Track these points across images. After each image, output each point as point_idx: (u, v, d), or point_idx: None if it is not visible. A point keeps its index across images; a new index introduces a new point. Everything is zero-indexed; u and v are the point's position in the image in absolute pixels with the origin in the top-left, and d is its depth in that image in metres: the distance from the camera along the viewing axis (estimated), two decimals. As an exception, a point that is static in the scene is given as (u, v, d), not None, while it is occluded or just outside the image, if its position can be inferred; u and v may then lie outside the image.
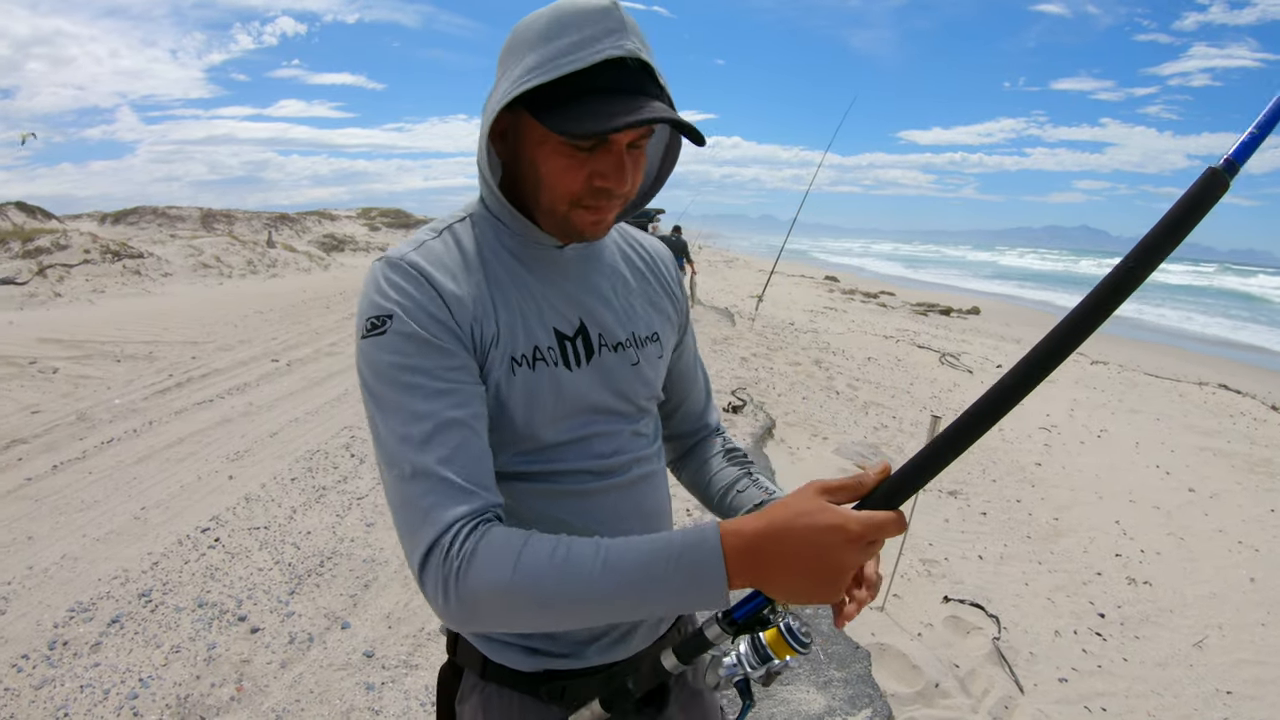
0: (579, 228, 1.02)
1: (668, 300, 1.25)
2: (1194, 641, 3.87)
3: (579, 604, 0.84)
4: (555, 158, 0.96)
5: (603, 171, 0.96)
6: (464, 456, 0.91)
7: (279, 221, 27.63)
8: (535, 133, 0.96)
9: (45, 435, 5.81)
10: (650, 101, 0.93)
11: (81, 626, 3.30)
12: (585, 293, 1.10)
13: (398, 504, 0.90)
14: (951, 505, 5.53)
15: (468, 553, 0.85)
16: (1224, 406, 9.50)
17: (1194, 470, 6.77)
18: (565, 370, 1.05)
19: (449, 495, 0.88)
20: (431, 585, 0.86)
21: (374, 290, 0.96)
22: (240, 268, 19.41)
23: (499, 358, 1.00)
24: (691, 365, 1.35)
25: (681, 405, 1.35)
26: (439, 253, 1.00)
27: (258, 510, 4.55)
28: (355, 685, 2.97)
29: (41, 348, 8.63)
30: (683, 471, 1.38)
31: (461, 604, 0.85)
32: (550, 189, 0.99)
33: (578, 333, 1.08)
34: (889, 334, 14.58)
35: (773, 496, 1.20)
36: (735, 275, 28.78)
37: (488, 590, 0.84)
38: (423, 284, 0.95)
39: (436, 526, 0.86)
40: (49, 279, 14.05)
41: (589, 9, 0.92)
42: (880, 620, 3.65)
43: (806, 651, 0.93)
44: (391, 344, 0.92)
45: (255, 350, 9.31)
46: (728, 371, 8.83)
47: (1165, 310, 28.36)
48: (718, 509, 1.27)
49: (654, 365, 1.18)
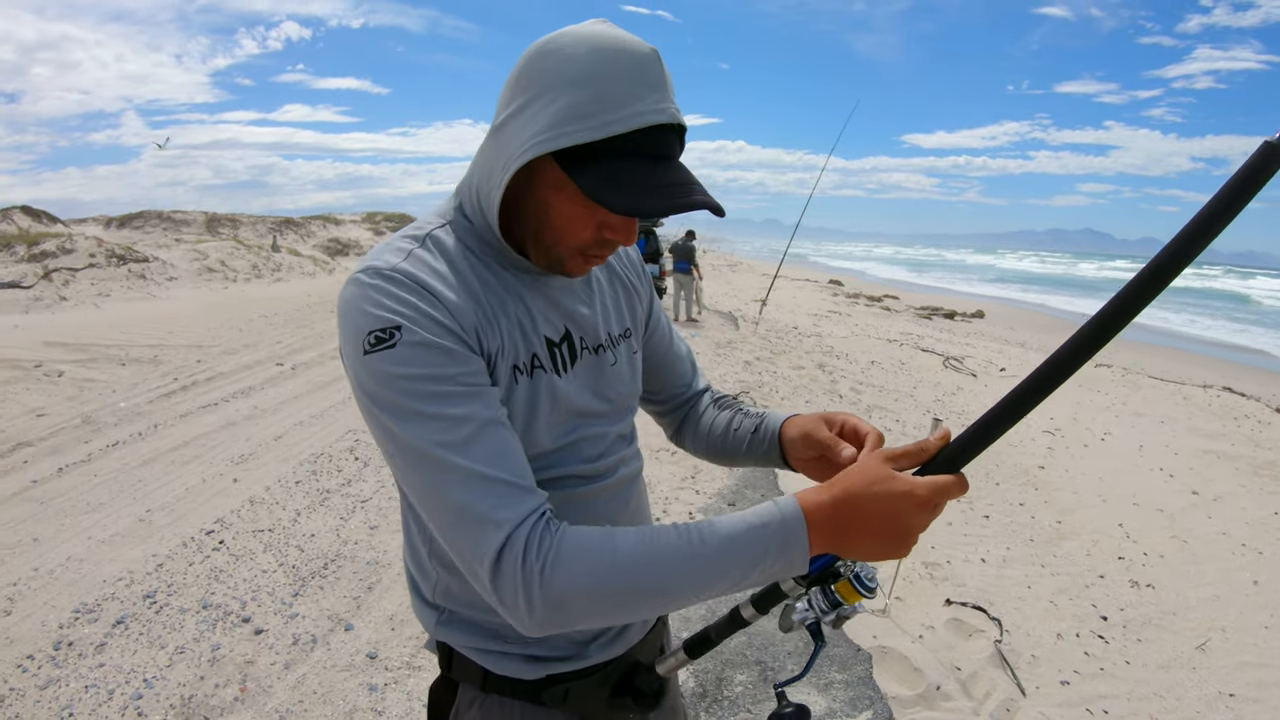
0: (569, 270, 1.01)
1: (633, 290, 1.24)
2: (1197, 644, 3.86)
3: (673, 591, 0.85)
4: (570, 206, 0.94)
5: (613, 225, 0.96)
6: (510, 455, 0.89)
7: (284, 226, 27.69)
8: (554, 176, 0.92)
9: (51, 438, 5.84)
10: (683, 171, 0.92)
11: (86, 627, 3.32)
12: (565, 297, 1.09)
13: (450, 518, 0.86)
14: (954, 508, 5.53)
15: (549, 553, 0.83)
16: (1228, 409, 9.48)
17: (1198, 473, 6.76)
18: (557, 377, 1.05)
19: (507, 495, 0.86)
20: (510, 591, 0.83)
21: (368, 304, 0.90)
22: (245, 272, 19.46)
23: (504, 368, 0.98)
24: (668, 342, 1.34)
25: (668, 383, 1.35)
26: (429, 262, 0.95)
27: (262, 513, 4.57)
28: (358, 686, 2.98)
29: (47, 351, 8.67)
30: (683, 438, 1.38)
31: (549, 606, 0.82)
32: (558, 233, 0.97)
33: (563, 338, 1.07)
34: (893, 338, 14.58)
35: (763, 419, 1.24)
36: (739, 279, 28.79)
37: (580, 589, 0.83)
38: (423, 293, 0.91)
39: (503, 529, 0.84)
40: (54, 283, 14.10)
41: (632, 54, 0.88)
42: (882, 623, 3.66)
43: (873, 596, 0.96)
44: (405, 356, 0.87)
45: (260, 354, 9.34)
46: (731, 375, 8.84)
47: (1168, 314, 28.36)
48: (723, 453, 1.30)
49: (631, 362, 1.19)
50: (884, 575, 4.10)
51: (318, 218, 30.71)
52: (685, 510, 4.66)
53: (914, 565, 4.30)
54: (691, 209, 0.89)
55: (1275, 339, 22.14)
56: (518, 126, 0.90)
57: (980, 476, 6.24)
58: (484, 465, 0.86)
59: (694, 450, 1.37)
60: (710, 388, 1.41)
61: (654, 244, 14.70)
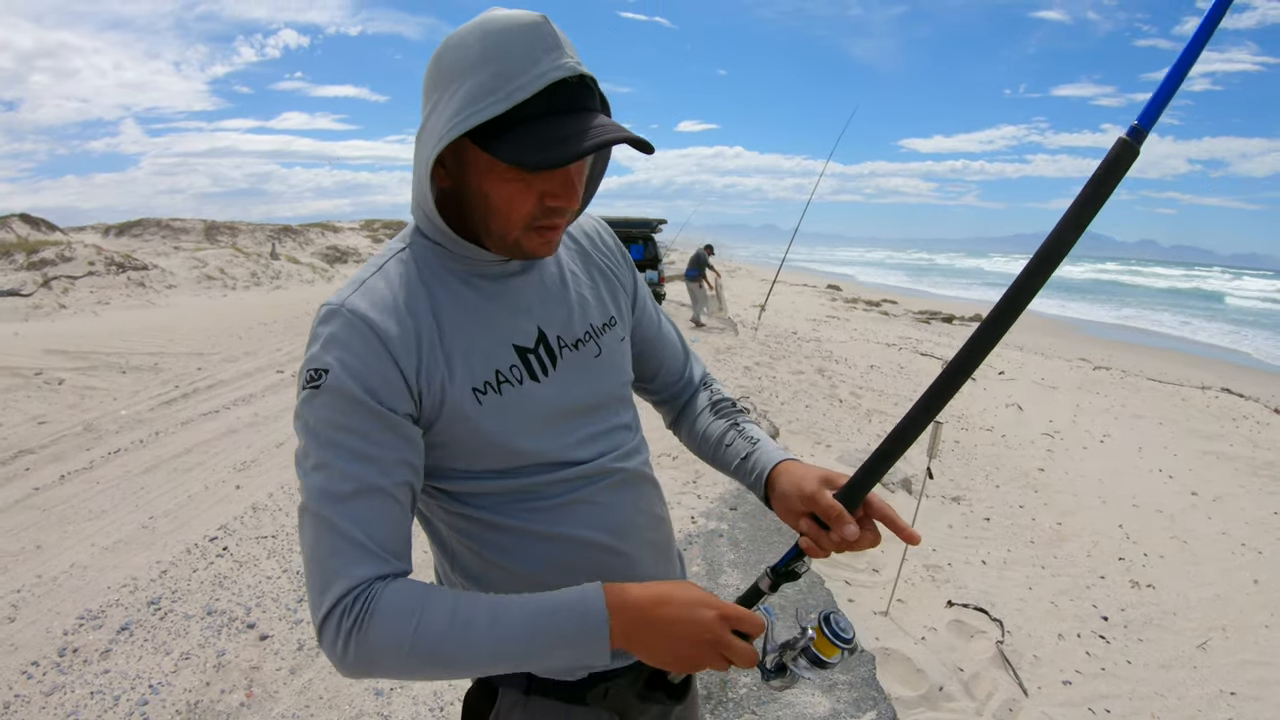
0: (530, 249, 1.01)
1: (614, 273, 1.23)
2: (1198, 643, 3.88)
3: (471, 664, 0.90)
4: (504, 184, 0.95)
5: (553, 191, 0.95)
6: (380, 523, 0.92)
7: (282, 233, 27.69)
8: (479, 160, 0.95)
9: (52, 445, 5.85)
10: (596, 118, 0.93)
11: (91, 634, 3.33)
12: (536, 299, 1.09)
13: (311, 557, 0.91)
14: (955, 511, 5.54)
15: (368, 611, 0.88)
16: (1227, 410, 9.50)
17: (1197, 474, 6.78)
18: (534, 383, 1.05)
19: (360, 557, 0.90)
20: (329, 639, 0.88)
21: (315, 340, 0.95)
22: (244, 280, 19.48)
23: (458, 393, 0.99)
24: (657, 325, 1.34)
25: (660, 369, 1.35)
26: (380, 292, 0.98)
27: (265, 519, 4.58)
28: (364, 691, 2.99)
29: (47, 359, 8.68)
30: (680, 431, 1.39)
31: (359, 659, 0.88)
32: (502, 215, 0.97)
33: (538, 342, 1.07)
34: (891, 342, 14.60)
35: (755, 447, 1.23)
36: (738, 285, 28.79)
37: (385, 650, 0.87)
38: (365, 333, 0.94)
39: (345, 582, 0.88)
40: (54, 291, 14.12)
41: (519, 26, 0.90)
42: (884, 625, 3.67)
43: (850, 648, 0.98)
44: (326, 401, 0.92)
45: (260, 361, 9.36)
46: (731, 380, 8.85)
47: (1162, 316, 28.56)
48: (711, 460, 1.31)
49: (618, 350, 1.19)
50: (886, 578, 4.12)
51: (316, 225, 30.72)
52: (688, 514, 4.68)
53: (915, 568, 4.31)
54: (604, 147, 0.90)
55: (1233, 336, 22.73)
56: (432, 123, 0.94)
57: (980, 479, 6.26)
58: (352, 525, 0.90)
59: (687, 445, 1.38)
60: (711, 383, 1.39)
61: (652, 250, 14.68)
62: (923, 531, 4.73)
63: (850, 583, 4.06)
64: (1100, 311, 30.35)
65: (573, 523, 1.07)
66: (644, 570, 1.13)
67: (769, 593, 1.06)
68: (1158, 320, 26.98)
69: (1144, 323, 26.01)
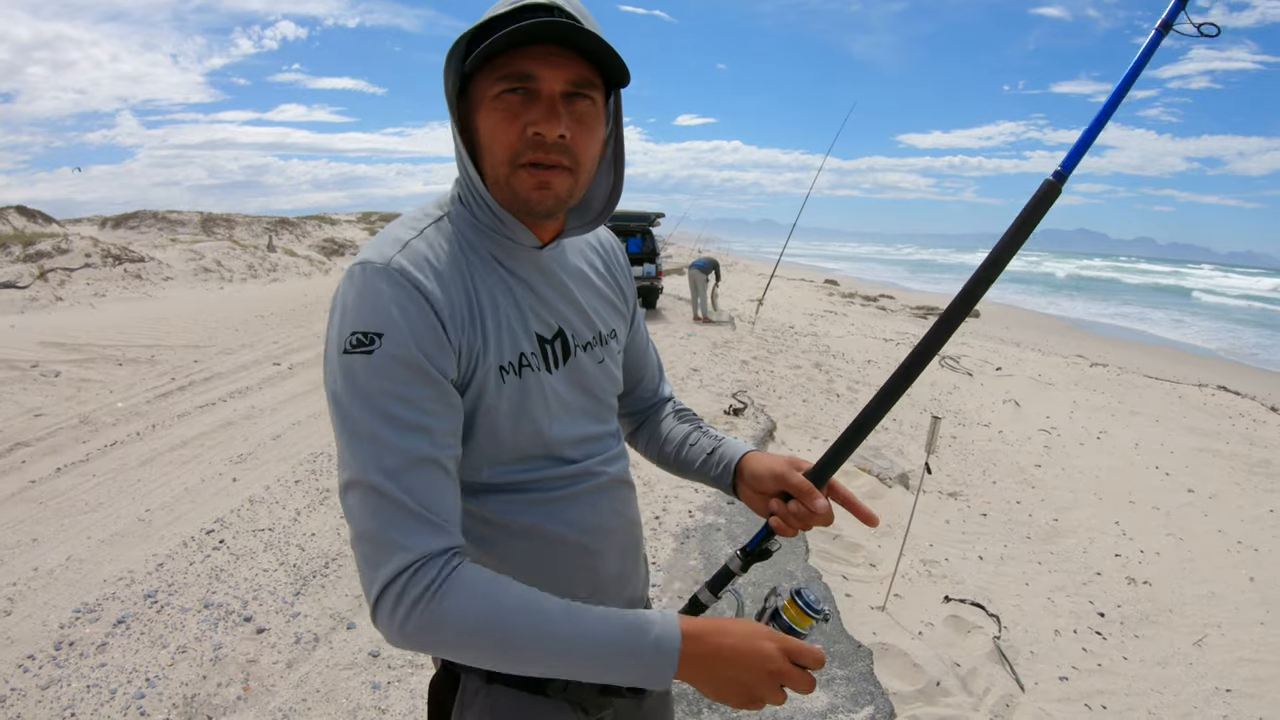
0: (524, 195, 0.99)
1: (620, 292, 1.26)
2: (1194, 640, 3.89)
3: (536, 655, 0.88)
4: (491, 115, 0.96)
5: (534, 119, 0.95)
6: (438, 494, 0.91)
7: (279, 226, 27.62)
8: (476, 99, 0.98)
9: (48, 438, 5.83)
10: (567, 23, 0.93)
11: (87, 627, 3.32)
12: (558, 294, 1.10)
13: (364, 530, 0.89)
14: (952, 506, 5.55)
15: (439, 583, 0.86)
16: (1223, 408, 9.53)
17: (1193, 471, 6.80)
18: (547, 374, 1.06)
19: (422, 529, 0.88)
20: (388, 608, 0.86)
21: (359, 301, 0.92)
22: (241, 272, 19.43)
23: (488, 368, 0.99)
24: (644, 346, 1.37)
25: (638, 385, 1.38)
26: (424, 254, 0.97)
27: (262, 512, 4.57)
28: (361, 684, 2.99)
29: (43, 351, 8.65)
30: (638, 440, 1.41)
31: (421, 629, 0.86)
32: (490, 150, 0.98)
33: (555, 335, 1.08)
34: (889, 337, 14.62)
35: (720, 442, 1.28)
36: (735, 279, 28.76)
37: (456, 622, 0.86)
38: (415, 295, 0.92)
39: (408, 554, 0.87)
40: (50, 283, 14.07)
41: None
42: (882, 619, 3.68)
43: (822, 618, 1.01)
44: (380, 366, 0.90)
45: (257, 354, 9.33)
46: (729, 375, 8.84)
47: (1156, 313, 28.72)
48: (674, 464, 1.34)
49: (616, 361, 1.21)
50: (883, 573, 4.13)
51: (313, 218, 30.66)
52: (685, 509, 4.67)
53: (912, 563, 4.32)
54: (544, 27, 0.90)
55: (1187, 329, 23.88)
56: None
57: (978, 475, 6.27)
58: (409, 497, 0.88)
59: (644, 453, 1.41)
60: (674, 397, 1.44)
61: (650, 244, 14.66)
62: (920, 527, 4.76)
63: (848, 577, 4.07)
64: (1077, 307, 30.93)
65: (556, 520, 1.09)
66: (611, 570, 1.16)
67: (739, 574, 1.13)
68: (1141, 316, 27.52)
69: (1133, 320, 26.24)
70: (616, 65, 0.97)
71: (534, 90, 0.95)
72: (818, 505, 1.10)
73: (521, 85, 0.95)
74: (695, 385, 8.13)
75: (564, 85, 0.96)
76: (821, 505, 1.10)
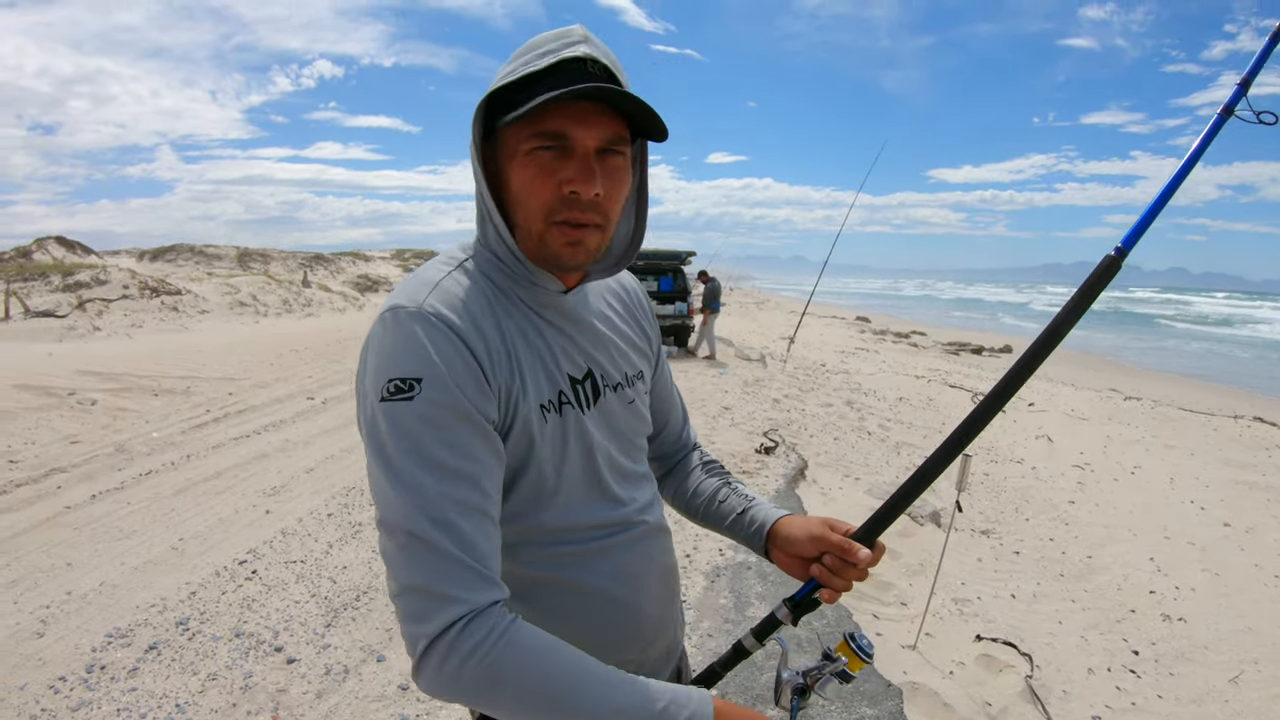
0: (556, 251, 0.99)
1: (644, 334, 1.26)
2: (1230, 677, 3.79)
3: (576, 715, 0.87)
4: (524, 169, 0.96)
5: (569, 177, 0.94)
6: (483, 543, 0.89)
7: (314, 261, 28.09)
8: (506, 150, 0.98)
9: (84, 465, 5.94)
10: (598, 80, 0.94)
11: (119, 652, 3.37)
12: (586, 336, 1.10)
13: (409, 580, 0.87)
14: (984, 544, 5.48)
15: (494, 639, 0.85)
16: (1259, 440, 9.33)
17: (1229, 505, 6.65)
18: (581, 413, 1.05)
19: (471, 580, 0.87)
20: (438, 660, 0.85)
21: (395, 346, 0.90)
22: (276, 306, 19.75)
23: (529, 407, 0.98)
24: (668, 388, 1.37)
25: (664, 428, 1.38)
26: (455, 295, 0.96)
27: (294, 544, 4.61)
28: (390, 717, 2.99)
29: (80, 379, 8.83)
30: (665, 488, 1.40)
31: (475, 684, 0.85)
32: (524, 204, 0.97)
33: (585, 376, 1.08)
34: (920, 374, 14.50)
35: (751, 503, 1.27)
36: (766, 317, 28.78)
37: (512, 679, 0.85)
38: (451, 337, 0.91)
39: (459, 606, 0.85)
40: (88, 313, 14.39)
41: (555, 31, 0.96)
42: (912, 658, 3.63)
43: (870, 662, 1.06)
44: (423, 412, 0.88)
45: (291, 388, 9.46)
46: (760, 413, 8.81)
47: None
48: (703, 518, 1.33)
49: (644, 401, 1.21)
50: (914, 611, 4.07)
51: (348, 254, 31.14)
52: (716, 547, 4.65)
53: (944, 601, 4.26)
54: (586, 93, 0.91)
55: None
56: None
57: (1010, 512, 6.18)
58: (455, 546, 0.87)
59: (671, 502, 1.39)
60: (699, 445, 1.44)
61: (681, 282, 14.75)
62: (951, 565, 4.70)
63: (879, 616, 4.02)
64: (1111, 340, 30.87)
65: (595, 571, 1.08)
66: (649, 618, 1.15)
67: (790, 624, 1.12)
68: (1178, 349, 27.30)
69: (1168, 354, 25.91)
70: (656, 126, 0.99)
71: (568, 147, 0.95)
72: (860, 556, 1.07)
73: (556, 143, 0.95)
74: (727, 424, 8.10)
75: (599, 143, 0.96)
76: (864, 556, 1.07)
